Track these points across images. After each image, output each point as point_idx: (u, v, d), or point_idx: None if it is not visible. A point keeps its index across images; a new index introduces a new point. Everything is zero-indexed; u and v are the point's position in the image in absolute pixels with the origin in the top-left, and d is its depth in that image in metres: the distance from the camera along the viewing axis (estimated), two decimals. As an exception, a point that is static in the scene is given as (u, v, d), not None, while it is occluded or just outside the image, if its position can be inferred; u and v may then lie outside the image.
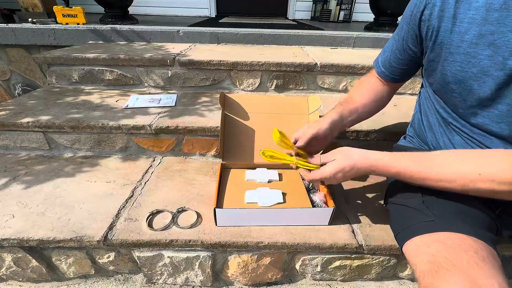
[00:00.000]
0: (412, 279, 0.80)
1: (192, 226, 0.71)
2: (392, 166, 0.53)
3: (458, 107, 0.54)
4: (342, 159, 0.58)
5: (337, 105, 0.73)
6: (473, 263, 0.42)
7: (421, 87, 0.70)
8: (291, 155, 0.69)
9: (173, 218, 0.73)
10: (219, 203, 0.73)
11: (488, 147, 0.52)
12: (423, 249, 0.50)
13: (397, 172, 0.53)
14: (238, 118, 0.93)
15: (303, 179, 0.85)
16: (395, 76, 0.69)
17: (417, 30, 0.56)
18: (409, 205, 0.59)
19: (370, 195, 0.86)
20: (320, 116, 0.93)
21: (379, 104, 0.75)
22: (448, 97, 0.56)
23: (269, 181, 0.83)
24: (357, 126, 1.00)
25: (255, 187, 0.79)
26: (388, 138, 1.00)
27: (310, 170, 0.64)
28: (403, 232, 0.56)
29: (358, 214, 0.78)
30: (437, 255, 0.46)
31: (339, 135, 0.99)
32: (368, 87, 0.74)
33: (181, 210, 0.76)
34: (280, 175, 0.85)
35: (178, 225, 0.71)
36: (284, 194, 0.76)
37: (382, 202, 0.81)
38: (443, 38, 0.51)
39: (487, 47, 0.46)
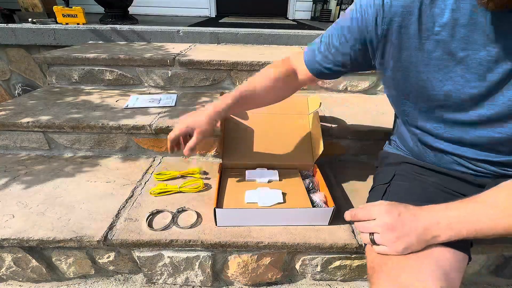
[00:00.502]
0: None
1: (192, 226, 0.71)
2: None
3: (429, 120, 0.54)
4: (389, 202, 0.49)
5: (236, 91, 0.67)
6: (403, 264, 0.43)
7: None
8: None
9: (173, 218, 0.73)
10: (219, 203, 0.73)
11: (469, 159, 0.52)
12: (368, 255, 0.51)
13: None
14: (237, 118, 0.93)
15: (303, 179, 0.85)
16: (336, 71, 0.61)
17: (367, 44, 0.52)
18: None
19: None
20: (321, 117, 0.93)
21: (283, 95, 0.72)
22: (410, 110, 0.56)
23: (269, 181, 0.83)
24: (357, 126, 1.00)
25: (255, 187, 0.79)
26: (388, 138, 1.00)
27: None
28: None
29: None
30: (375, 259, 0.47)
31: (338, 135, 0.99)
32: (275, 77, 0.68)
33: (181, 210, 0.76)
34: (280, 175, 0.85)
35: (178, 225, 0.71)
36: (284, 194, 0.76)
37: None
38: (409, 56, 0.48)
39: (457, 64, 0.44)
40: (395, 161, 0.67)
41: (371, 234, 0.48)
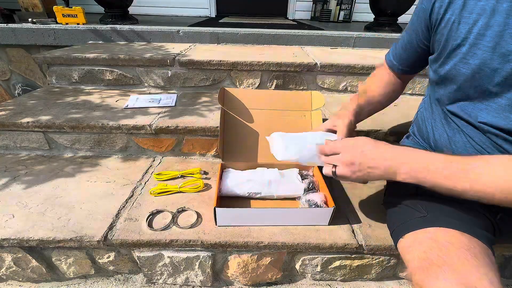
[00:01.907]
0: (412, 279, 0.80)
1: (192, 226, 0.71)
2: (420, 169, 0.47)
3: (460, 101, 0.53)
4: (358, 138, 0.55)
5: (353, 96, 0.74)
6: (464, 260, 0.42)
7: (428, 85, 0.69)
8: None
9: (173, 218, 0.73)
10: (218, 203, 0.73)
11: (487, 151, 0.52)
12: (415, 246, 0.49)
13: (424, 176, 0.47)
14: (238, 116, 0.92)
15: (303, 179, 0.84)
16: (405, 68, 0.69)
17: (428, 22, 0.56)
18: (404, 204, 0.60)
19: (370, 195, 0.86)
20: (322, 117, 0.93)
21: (393, 95, 0.75)
22: (450, 91, 0.55)
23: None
24: (357, 126, 1.00)
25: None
26: (388, 138, 1.00)
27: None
28: (397, 229, 0.56)
29: (358, 214, 0.78)
30: (429, 252, 0.46)
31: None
32: (382, 78, 0.75)
33: (181, 210, 0.76)
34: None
35: (178, 225, 0.71)
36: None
37: (382, 202, 0.81)
38: (450, 29, 0.50)
39: (492, 39, 0.44)
40: None
41: (334, 166, 0.54)
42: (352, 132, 0.65)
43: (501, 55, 0.44)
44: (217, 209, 0.68)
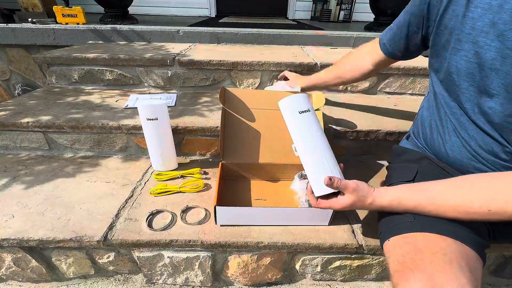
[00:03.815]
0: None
1: (192, 226, 0.71)
2: (405, 206, 0.53)
3: (461, 101, 0.53)
4: (356, 199, 0.56)
5: (326, 69, 0.84)
6: (436, 264, 0.43)
7: (429, 84, 0.69)
8: None
9: (173, 218, 0.73)
10: (218, 202, 0.73)
11: (483, 158, 0.52)
12: (396, 249, 0.51)
13: (411, 210, 0.53)
14: (239, 116, 0.91)
15: (303, 179, 0.84)
16: (394, 52, 0.70)
17: (426, 12, 0.55)
18: None
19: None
20: (322, 117, 0.93)
21: (363, 77, 0.84)
22: (451, 89, 0.54)
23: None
24: (358, 126, 1.00)
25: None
26: (388, 138, 1.00)
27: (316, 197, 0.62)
28: (383, 232, 0.58)
29: (358, 214, 0.78)
30: (406, 256, 0.47)
31: (338, 135, 0.99)
32: (364, 58, 0.81)
33: (182, 210, 0.76)
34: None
35: (178, 225, 0.71)
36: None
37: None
38: (454, 23, 0.49)
39: (496, 37, 0.43)
40: (414, 157, 0.67)
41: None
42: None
43: (505, 56, 0.43)
44: (217, 207, 0.68)
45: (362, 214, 0.78)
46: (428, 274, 0.42)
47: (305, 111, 0.64)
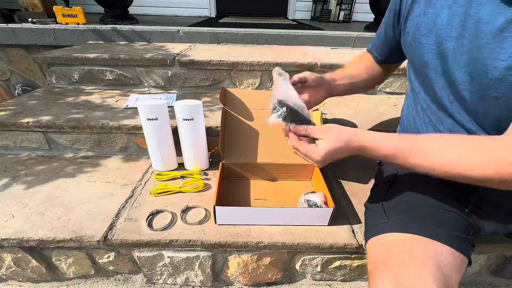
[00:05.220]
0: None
1: (192, 226, 0.71)
2: (380, 147, 0.49)
3: (434, 94, 0.54)
4: (333, 140, 0.51)
5: (332, 72, 0.77)
6: (401, 262, 0.44)
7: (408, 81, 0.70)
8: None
9: (173, 218, 0.73)
10: (218, 202, 0.73)
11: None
12: (371, 251, 0.53)
13: (384, 155, 0.49)
14: (239, 116, 0.92)
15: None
16: (382, 58, 0.72)
17: (397, 17, 0.58)
18: (373, 209, 0.62)
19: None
20: (323, 116, 0.93)
21: (371, 80, 0.78)
22: (424, 82, 0.56)
23: None
24: (357, 126, 1.00)
25: None
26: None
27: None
28: (366, 233, 0.59)
29: (358, 214, 0.78)
30: (377, 257, 0.49)
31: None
32: (362, 61, 0.78)
33: (182, 210, 0.76)
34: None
35: (178, 225, 0.71)
36: None
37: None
38: (418, 20, 0.52)
39: (455, 29, 0.46)
40: None
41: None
42: (310, 93, 0.68)
43: (465, 45, 0.45)
44: (217, 207, 0.68)
45: (362, 214, 0.78)
46: (394, 273, 0.43)
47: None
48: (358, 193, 0.87)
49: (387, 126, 1.01)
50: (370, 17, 2.05)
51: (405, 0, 0.56)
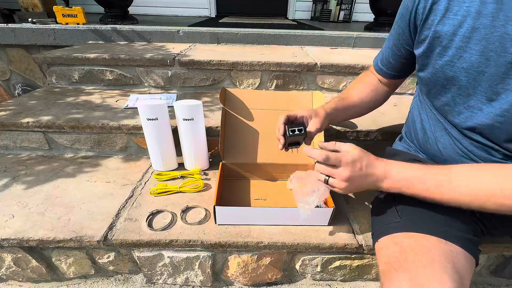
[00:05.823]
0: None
1: (192, 226, 0.71)
2: (407, 186, 0.50)
3: (448, 105, 0.53)
4: (358, 152, 0.53)
5: (333, 99, 0.74)
6: (417, 263, 0.44)
7: (416, 84, 0.70)
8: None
9: (173, 218, 0.73)
10: (218, 202, 0.73)
11: (475, 155, 0.52)
12: (383, 250, 0.52)
13: (411, 194, 0.50)
14: (239, 116, 0.92)
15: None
16: (393, 73, 0.69)
17: (412, 25, 0.55)
18: (383, 209, 0.61)
19: (370, 195, 0.86)
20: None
21: (376, 101, 0.76)
22: (436, 92, 0.55)
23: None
24: (357, 126, 1.00)
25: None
26: (388, 138, 1.00)
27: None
28: (375, 232, 0.59)
29: (358, 214, 0.78)
30: (392, 256, 0.48)
31: (338, 135, 0.99)
32: (365, 83, 0.75)
33: (182, 210, 0.76)
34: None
35: (178, 225, 0.71)
36: None
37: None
38: (435, 31, 0.50)
39: (479, 41, 0.44)
40: (405, 159, 0.67)
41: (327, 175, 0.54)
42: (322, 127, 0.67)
43: (489, 58, 0.44)
44: (217, 207, 0.68)
45: (362, 214, 0.78)
46: (411, 274, 0.43)
47: None
48: (359, 193, 0.86)
49: (387, 126, 1.01)
50: (370, 17, 2.05)
51: (421, 8, 0.52)
